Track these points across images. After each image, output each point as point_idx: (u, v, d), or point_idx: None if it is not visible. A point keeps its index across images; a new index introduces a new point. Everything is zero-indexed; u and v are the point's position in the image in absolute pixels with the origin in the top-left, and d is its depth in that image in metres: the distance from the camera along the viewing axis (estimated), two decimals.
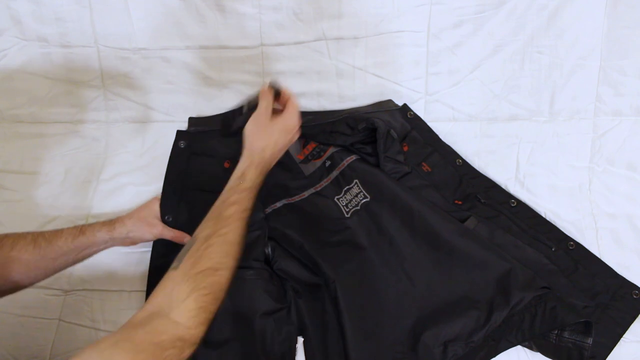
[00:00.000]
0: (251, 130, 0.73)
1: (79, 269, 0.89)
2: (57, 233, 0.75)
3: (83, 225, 0.78)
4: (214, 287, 0.58)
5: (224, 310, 0.78)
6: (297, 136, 0.77)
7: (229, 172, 0.89)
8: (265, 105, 0.74)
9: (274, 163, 0.74)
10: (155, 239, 0.84)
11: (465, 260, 0.83)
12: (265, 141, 0.72)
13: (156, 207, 0.85)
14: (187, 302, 0.56)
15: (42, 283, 0.87)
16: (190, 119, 0.99)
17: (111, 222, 0.80)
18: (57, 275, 0.88)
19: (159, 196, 0.89)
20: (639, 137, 0.98)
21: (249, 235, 0.84)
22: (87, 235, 0.76)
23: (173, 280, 0.58)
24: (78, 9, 0.95)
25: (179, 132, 0.95)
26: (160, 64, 0.99)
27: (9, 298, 0.86)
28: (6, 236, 0.71)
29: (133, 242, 0.83)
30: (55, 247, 0.73)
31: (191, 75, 1.00)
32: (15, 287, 0.72)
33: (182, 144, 0.93)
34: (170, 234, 0.83)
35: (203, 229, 0.64)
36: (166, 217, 0.86)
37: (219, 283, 0.59)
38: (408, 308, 0.82)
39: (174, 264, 0.60)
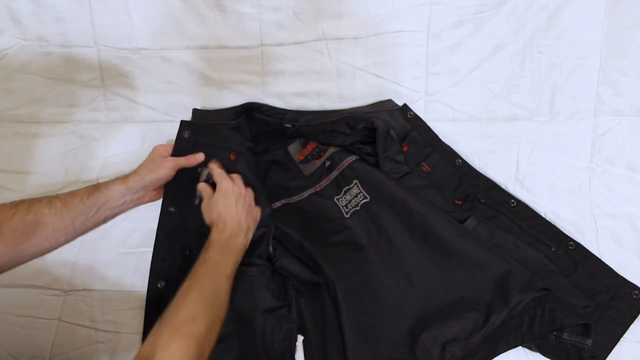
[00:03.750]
0: (204, 215, 0.81)
1: (78, 268, 0.89)
2: (72, 193, 0.76)
3: (98, 183, 0.78)
4: (195, 337, 0.62)
5: None
6: (242, 190, 0.83)
7: (235, 163, 0.89)
8: (205, 194, 0.82)
9: (243, 220, 0.80)
10: (172, 173, 0.84)
11: (464, 261, 0.83)
12: (216, 212, 0.79)
13: (161, 148, 0.86)
14: (170, 347, 0.59)
15: (42, 283, 0.88)
16: (195, 111, 0.98)
17: (125, 175, 0.81)
18: (57, 275, 0.89)
19: (162, 143, 0.89)
20: (639, 137, 0.98)
21: (254, 232, 0.85)
22: (101, 190, 0.77)
23: (156, 331, 0.62)
24: (78, 9, 0.95)
25: (182, 122, 0.93)
26: (160, 64, 0.99)
27: (9, 298, 0.87)
28: (21, 201, 0.72)
29: (154, 186, 0.83)
30: (71, 206, 0.74)
31: (191, 75, 1.00)
32: (37, 252, 0.72)
33: (186, 134, 0.91)
34: (183, 161, 0.85)
35: (181, 288, 0.68)
36: (169, 209, 0.86)
37: (198, 332, 0.62)
38: (407, 309, 0.82)
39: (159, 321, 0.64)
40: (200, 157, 0.86)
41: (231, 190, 0.81)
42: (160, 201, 0.87)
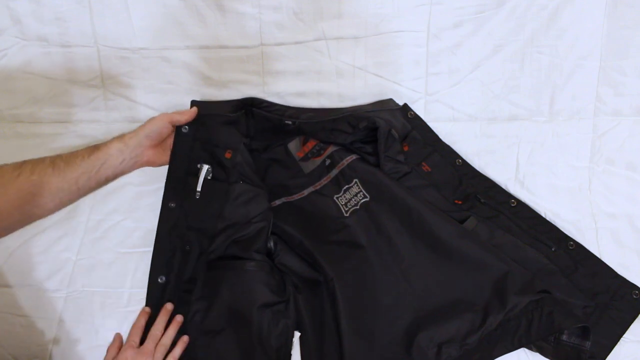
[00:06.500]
0: None
1: (78, 268, 0.89)
2: (74, 153, 0.77)
3: (97, 143, 0.80)
4: None
5: (222, 300, 0.79)
6: None
7: (231, 161, 0.88)
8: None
9: None
10: (167, 126, 0.83)
11: (463, 261, 0.83)
12: None
13: (162, 116, 0.85)
14: None
15: (42, 283, 0.88)
16: (193, 102, 0.96)
17: (122, 134, 0.81)
18: (57, 275, 0.89)
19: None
20: (639, 137, 0.98)
21: (253, 227, 0.85)
22: (101, 149, 0.78)
23: None
24: (78, 8, 0.95)
25: None
26: (160, 64, 0.99)
27: (9, 298, 0.87)
28: (25, 162, 0.73)
29: (150, 142, 0.81)
30: (73, 166, 0.75)
31: (191, 75, 1.00)
32: (42, 213, 0.73)
33: (184, 129, 0.88)
34: (177, 116, 0.84)
35: None
36: (170, 204, 0.86)
37: None
38: (404, 308, 0.82)
39: None
40: (194, 112, 0.85)
41: None
42: (160, 196, 0.87)
